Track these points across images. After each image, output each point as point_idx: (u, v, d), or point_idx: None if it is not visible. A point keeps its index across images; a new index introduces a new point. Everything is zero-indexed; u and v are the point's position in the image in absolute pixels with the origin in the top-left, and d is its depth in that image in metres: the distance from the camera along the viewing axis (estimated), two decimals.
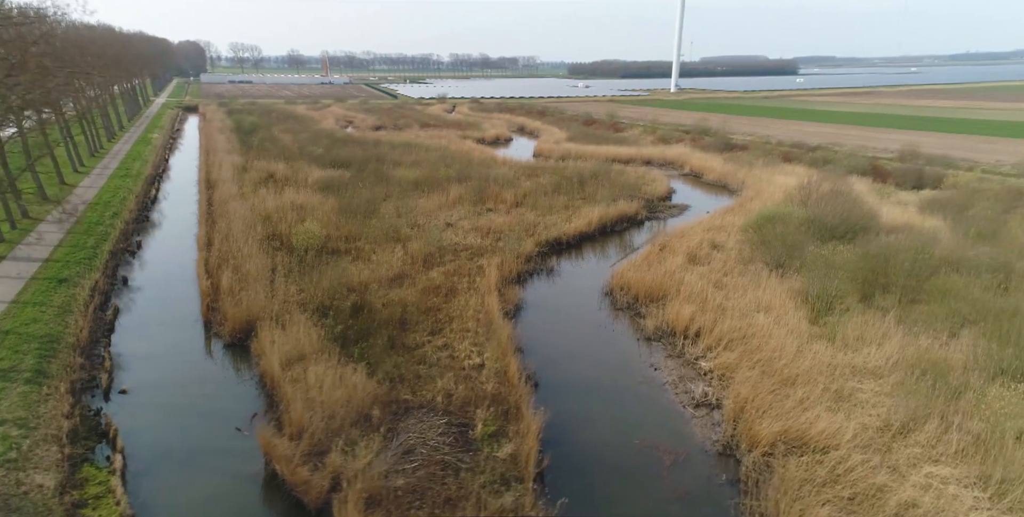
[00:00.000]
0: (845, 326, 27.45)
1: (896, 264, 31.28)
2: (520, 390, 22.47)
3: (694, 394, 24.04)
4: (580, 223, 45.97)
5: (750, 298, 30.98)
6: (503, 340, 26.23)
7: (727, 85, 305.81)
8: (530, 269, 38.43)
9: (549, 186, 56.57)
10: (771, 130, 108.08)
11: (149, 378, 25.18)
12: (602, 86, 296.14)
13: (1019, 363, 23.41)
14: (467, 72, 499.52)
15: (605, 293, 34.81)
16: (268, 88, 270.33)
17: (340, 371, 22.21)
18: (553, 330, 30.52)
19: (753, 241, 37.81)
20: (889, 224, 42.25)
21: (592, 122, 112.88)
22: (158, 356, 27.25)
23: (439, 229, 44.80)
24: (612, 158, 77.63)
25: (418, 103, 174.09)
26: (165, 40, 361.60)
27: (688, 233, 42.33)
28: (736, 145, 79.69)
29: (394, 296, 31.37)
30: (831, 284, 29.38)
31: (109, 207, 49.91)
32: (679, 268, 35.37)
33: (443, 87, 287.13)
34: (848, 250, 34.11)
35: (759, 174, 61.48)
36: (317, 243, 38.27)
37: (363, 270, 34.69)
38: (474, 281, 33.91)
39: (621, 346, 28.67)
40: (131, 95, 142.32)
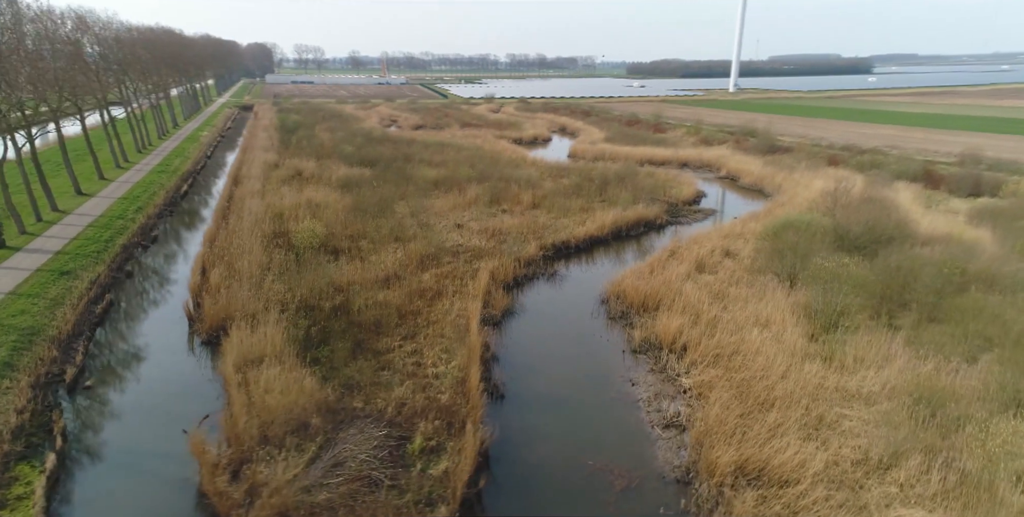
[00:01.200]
0: (847, 345, 25.27)
1: (917, 279, 28.68)
2: (475, 402, 21.49)
3: (666, 413, 22.52)
4: (592, 227, 44.54)
5: (750, 311, 29.02)
6: (473, 348, 25.34)
7: (792, 85, 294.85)
8: (529, 273, 37.34)
9: (570, 188, 55.35)
10: (827, 132, 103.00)
11: (119, 374, 25.56)
12: (658, 86, 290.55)
13: None
14: (523, 72, 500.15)
15: (602, 301, 33.42)
16: (326, 88, 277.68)
17: (293, 375, 21.79)
18: (537, 338, 29.43)
19: (767, 250, 35.57)
20: (927, 234, 39.09)
21: (635, 122, 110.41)
22: (135, 351, 27.69)
23: (446, 230, 44.46)
24: (647, 160, 75.61)
25: (465, 103, 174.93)
26: (233, 42, 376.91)
27: (704, 239, 40.36)
28: (781, 147, 76.06)
29: (380, 298, 30.96)
30: (836, 299, 27.08)
31: (136, 202, 51.72)
32: (682, 277, 33.61)
33: (497, 87, 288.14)
34: (857, 262, 31.53)
35: (798, 178, 58.28)
36: (318, 242, 38.37)
37: (357, 270, 34.46)
38: (465, 285, 33.15)
39: (604, 358, 27.29)
40: (190, 94, 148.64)
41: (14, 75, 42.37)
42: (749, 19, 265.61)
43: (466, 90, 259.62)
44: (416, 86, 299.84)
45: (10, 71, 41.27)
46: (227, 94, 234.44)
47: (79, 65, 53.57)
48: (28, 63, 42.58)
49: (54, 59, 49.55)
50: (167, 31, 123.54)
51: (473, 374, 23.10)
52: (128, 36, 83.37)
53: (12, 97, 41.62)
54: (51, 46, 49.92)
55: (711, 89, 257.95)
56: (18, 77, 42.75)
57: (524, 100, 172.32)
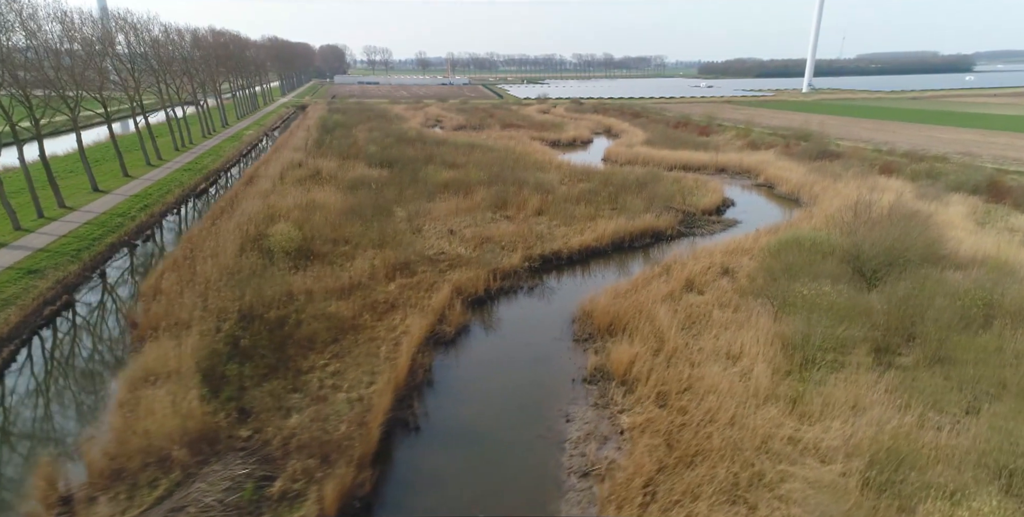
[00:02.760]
0: (823, 386, 21.88)
1: (926, 311, 24.78)
2: (372, 438, 19.61)
3: (589, 459, 19.89)
4: (589, 237, 41.85)
5: (725, 340, 25.85)
6: (399, 372, 23.54)
7: (876, 85, 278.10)
8: (506, 287, 35.11)
9: (584, 194, 52.66)
10: (896, 136, 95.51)
11: (28, 385, 25.03)
12: (727, 86, 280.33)
13: None
14: (589, 73, 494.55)
15: (573, 321, 30.83)
16: (390, 89, 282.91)
17: (181, 397, 20.47)
18: (485, 362, 27.18)
19: (768, 269, 31.98)
20: (967, 256, 34.44)
21: (684, 124, 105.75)
22: (62, 359, 27.30)
23: (436, 236, 42.85)
24: (683, 164, 71.79)
25: (517, 103, 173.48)
26: (305, 44, 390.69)
27: (706, 254, 37.05)
28: (832, 153, 70.40)
29: (332, 309, 29.58)
30: (817, 331, 23.62)
31: (146, 199, 52.76)
32: (663, 297, 30.66)
33: (561, 88, 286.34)
34: (854, 289, 27.60)
35: (839, 188, 53.36)
36: (293, 246, 37.48)
37: (323, 277, 33.25)
38: (429, 297, 31.37)
39: (550, 387, 24.78)
40: (246, 94, 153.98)
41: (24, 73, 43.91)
42: (835, 15, 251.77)
43: (526, 90, 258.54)
44: (477, 86, 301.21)
45: (17, 68, 42.69)
46: (291, 94, 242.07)
47: (94, 64, 55.03)
48: (43, 61, 43.86)
49: (73, 58, 51.20)
50: (218, 32, 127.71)
51: (380, 403, 21.25)
52: (167, 38, 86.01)
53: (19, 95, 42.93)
54: (70, 46, 51.52)
55: (783, 89, 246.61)
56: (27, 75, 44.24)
57: (577, 101, 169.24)
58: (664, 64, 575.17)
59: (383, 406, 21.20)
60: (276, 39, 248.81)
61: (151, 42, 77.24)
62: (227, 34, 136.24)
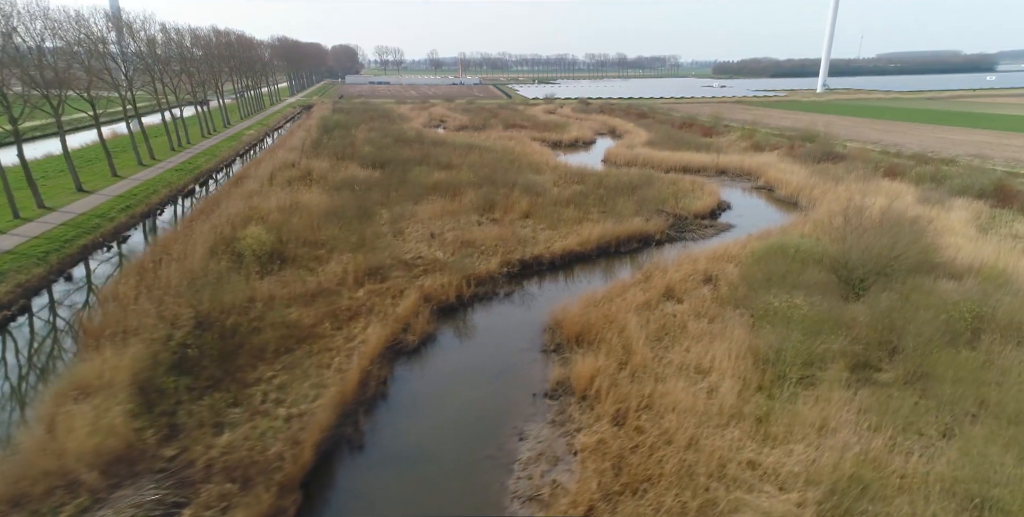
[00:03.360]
0: (789, 405, 20.65)
1: (908, 324, 23.44)
2: (304, 458, 18.65)
3: (535, 483, 18.79)
4: (572, 241, 40.74)
5: (696, 353, 24.64)
6: (348, 384, 22.61)
7: (894, 85, 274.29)
8: (480, 293, 34.08)
9: (575, 196, 51.56)
10: (907, 137, 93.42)
11: None
12: (741, 86, 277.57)
13: (1014, 494, 15.79)
14: (602, 73, 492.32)
15: (545, 330, 29.73)
16: (400, 89, 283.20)
17: (106, 412, 19.59)
18: (446, 374, 26.13)
19: (748, 278, 30.71)
20: (964, 265, 32.92)
21: (690, 125, 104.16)
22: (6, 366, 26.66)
23: (417, 239, 41.98)
24: (683, 166, 70.49)
25: (524, 103, 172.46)
26: (317, 45, 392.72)
27: (690, 260, 35.80)
28: (837, 155, 68.63)
29: (294, 316, 28.71)
30: (787, 345, 22.38)
31: (129, 200, 52.37)
32: (639, 306, 29.51)
33: (573, 88, 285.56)
34: (826, 301, 26.24)
35: (839, 191, 51.78)
36: (265, 249, 36.73)
37: (291, 283, 32.43)
38: (397, 304, 30.45)
39: (509, 402, 23.69)
40: (251, 94, 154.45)
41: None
42: (854, 14, 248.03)
43: (536, 90, 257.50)
44: (488, 87, 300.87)
45: None
46: (300, 94, 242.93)
47: (80, 62, 54.82)
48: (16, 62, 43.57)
49: (56, 57, 50.98)
50: (221, 32, 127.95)
51: (321, 419, 20.30)
52: (166, 36, 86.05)
53: None
54: (53, 44, 51.32)
55: (797, 89, 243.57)
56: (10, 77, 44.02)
57: (584, 101, 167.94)
58: (678, 64, 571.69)
59: (324, 423, 20.26)
60: (285, 39, 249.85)
61: (147, 40, 77.13)
62: (231, 33, 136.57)
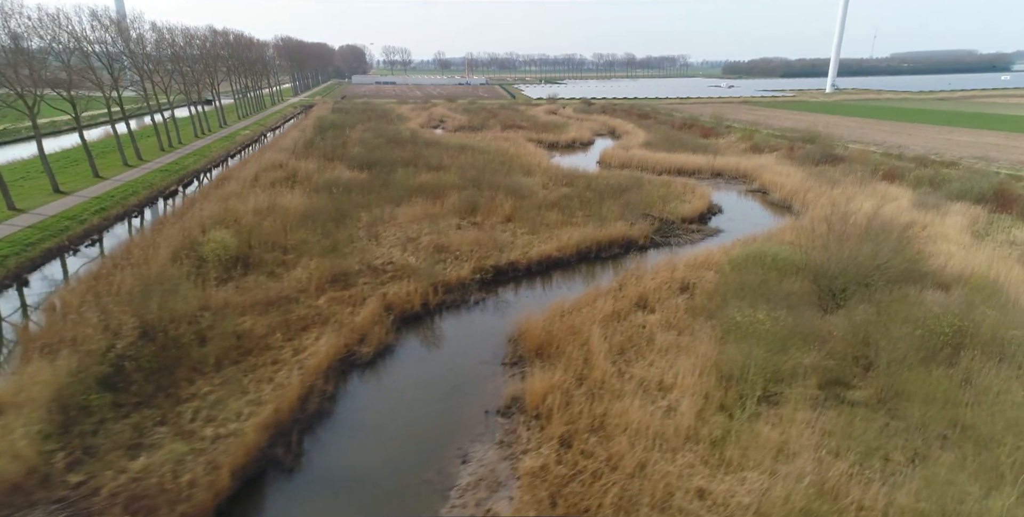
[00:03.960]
0: (751, 426, 19.43)
1: (882, 339, 22.13)
2: (221, 484, 17.57)
3: (469, 513, 17.67)
4: (550, 247, 39.57)
5: (660, 368, 23.45)
6: (286, 403, 21.55)
7: (906, 84, 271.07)
8: (448, 301, 32.96)
9: (561, 200, 50.42)
10: (911, 139, 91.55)
11: None
12: (749, 86, 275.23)
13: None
14: (610, 73, 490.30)
15: (509, 341, 28.57)
16: (406, 89, 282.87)
17: (11, 433, 18.56)
18: (398, 389, 24.96)
19: (724, 287, 29.43)
20: (954, 274, 31.46)
21: (690, 126, 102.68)
22: None
23: (393, 243, 40.94)
24: (678, 168, 69.19)
25: (527, 103, 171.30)
26: (323, 44, 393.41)
27: (668, 268, 34.54)
28: (836, 157, 67.05)
29: (247, 325, 27.71)
30: (753, 361, 21.13)
31: (106, 201, 51.69)
32: (607, 316, 28.32)
33: (580, 88, 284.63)
34: (793, 314, 24.89)
35: (833, 195, 50.30)
36: (230, 254, 35.82)
37: (250, 289, 31.47)
38: (356, 313, 29.41)
39: (459, 420, 22.53)
40: (250, 93, 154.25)
41: None
42: (867, 13, 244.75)
43: (541, 91, 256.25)
44: (494, 87, 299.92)
45: None
46: (304, 94, 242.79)
47: (60, 61, 54.29)
48: None
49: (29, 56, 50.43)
50: (217, 32, 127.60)
51: (251, 441, 19.25)
52: (160, 36, 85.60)
53: None
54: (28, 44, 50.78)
55: (805, 89, 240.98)
56: None
57: (587, 101, 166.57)
58: (688, 64, 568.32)
59: (252, 444, 19.22)
60: (289, 39, 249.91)
61: (136, 40, 76.64)
62: (229, 33, 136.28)
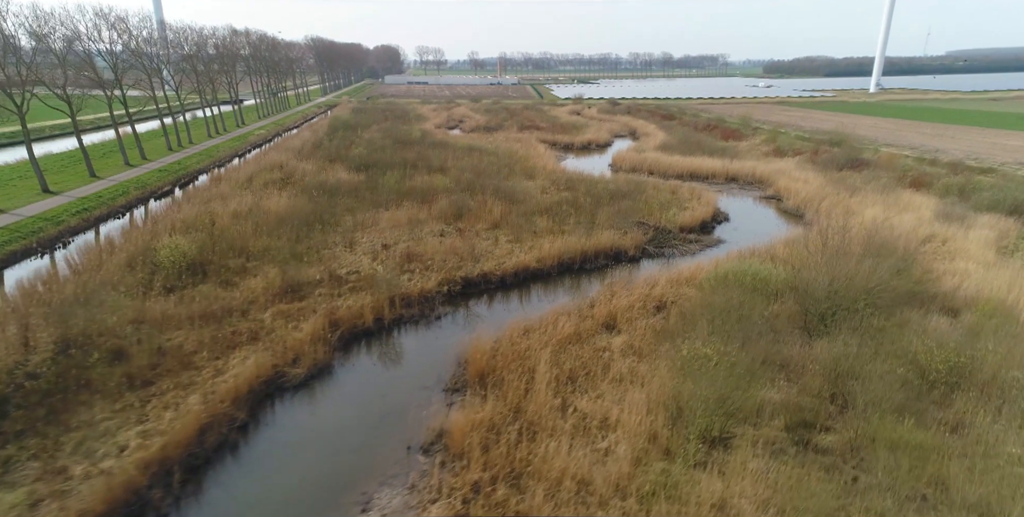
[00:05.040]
0: (694, 475, 16.90)
1: (858, 378, 19.33)
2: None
3: None
4: (528, 257, 37.26)
5: (604, 404, 21.03)
6: (182, 433, 19.73)
7: (960, 84, 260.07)
8: (407, 315, 30.91)
9: (555, 205, 48.10)
10: (954, 142, 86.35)
11: None
12: (788, 86, 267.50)
13: None
14: (646, 72, 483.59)
15: (458, 364, 26.38)
16: (436, 88, 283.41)
17: None
18: (320, 417, 22.85)
19: (699, 308, 26.73)
20: (968, 296, 28.14)
21: (714, 127, 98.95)
22: None
23: (366, 251, 39.20)
24: (691, 172, 66.15)
25: (552, 104, 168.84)
26: (357, 45, 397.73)
27: (647, 283, 31.97)
28: (863, 161, 63.02)
29: (177, 340, 26.15)
30: (694, 401, 18.56)
31: (93, 202, 51.29)
32: (566, 339, 25.96)
33: (614, 88, 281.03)
34: (761, 343, 22.05)
35: (850, 203, 46.78)
36: (186, 260, 34.47)
37: (197, 300, 29.96)
38: (299, 329, 27.60)
39: (376, 456, 20.33)
40: (272, 92, 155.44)
41: None
42: (920, 9, 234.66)
43: (572, 90, 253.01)
44: (524, 87, 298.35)
45: None
46: (332, 94, 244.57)
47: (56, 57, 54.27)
48: None
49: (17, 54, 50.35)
50: (237, 32, 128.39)
51: (118, 481, 17.44)
52: (178, 36, 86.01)
53: None
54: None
55: (848, 89, 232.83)
56: None
57: (613, 101, 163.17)
58: (728, 63, 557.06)
59: (125, 483, 17.43)
60: (319, 39, 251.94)
61: (147, 39, 76.91)
62: (251, 33, 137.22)
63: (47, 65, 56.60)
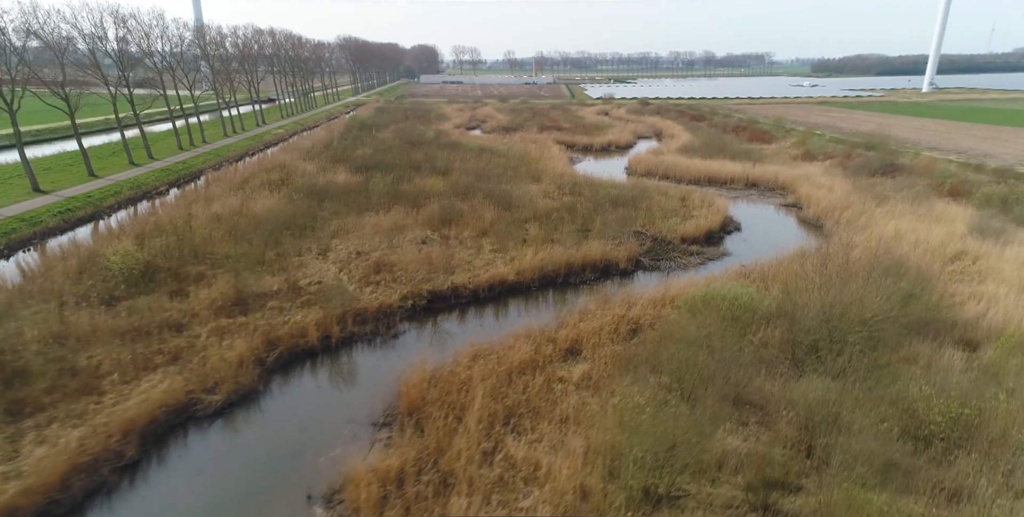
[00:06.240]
0: None
1: (830, 432, 16.20)
2: None
3: None
4: (507, 270, 34.60)
5: (539, 449, 18.30)
6: (46, 477, 17.70)
7: (1021, 83, 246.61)
8: (358, 333, 28.58)
9: (551, 211, 45.40)
10: (1007, 146, 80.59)
11: None
12: (835, 85, 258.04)
13: None
14: (687, 72, 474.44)
15: (397, 394, 23.84)
16: (468, 88, 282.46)
17: None
18: (224, 453, 20.48)
19: (670, 335, 23.68)
20: (993, 327, 24.42)
21: (744, 129, 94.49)
22: None
23: (338, 259, 37.12)
24: (709, 177, 62.57)
25: (581, 103, 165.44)
26: (394, 45, 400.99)
27: (625, 303, 29.00)
28: (898, 167, 58.40)
29: (95, 359, 24.29)
30: (643, 452, 15.68)
31: (81, 202, 50.66)
32: (520, 366, 23.28)
33: (652, 87, 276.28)
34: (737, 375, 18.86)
35: (875, 214, 42.75)
36: (139, 268, 32.86)
37: (133, 314, 28.16)
38: (233, 348, 25.52)
39: (271, 507, 17.89)
40: (299, 92, 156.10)
41: None
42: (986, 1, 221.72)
43: (607, 90, 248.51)
44: (559, 86, 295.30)
45: None
46: (363, 93, 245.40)
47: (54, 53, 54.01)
48: None
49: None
50: (259, 31, 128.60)
51: None
52: (199, 37, 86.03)
53: None
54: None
55: (899, 89, 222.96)
56: None
57: (644, 101, 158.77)
58: (774, 62, 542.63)
59: None
60: (351, 39, 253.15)
61: (160, 37, 76.95)
62: (276, 32, 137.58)
63: (42, 62, 56.24)
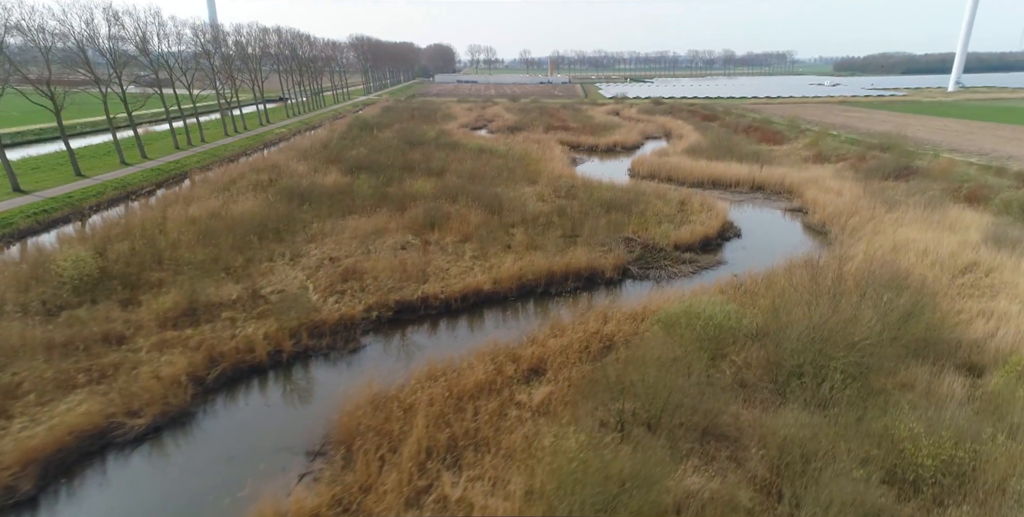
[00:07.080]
0: None
1: (801, 477, 14.09)
2: None
3: None
4: (483, 279, 32.69)
5: (476, 490, 16.36)
6: None
7: None
8: (313, 347, 26.80)
9: (540, 215, 43.44)
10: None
11: None
12: (857, 84, 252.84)
13: None
14: (706, 71, 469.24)
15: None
16: (482, 87, 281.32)
17: None
18: (139, 488, 18.79)
19: (638, 358, 21.60)
20: (1003, 347, 22.07)
21: (756, 129, 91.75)
22: None
23: (310, 265, 35.48)
24: (713, 179, 60.31)
25: (592, 103, 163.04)
26: (409, 44, 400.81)
27: (599, 318, 26.99)
28: (913, 169, 55.61)
29: (20, 375, 22.79)
30: (586, 494, 13.70)
31: (60, 203, 49.66)
32: (476, 388, 21.35)
33: (670, 87, 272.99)
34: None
35: (883, 220, 40.23)
36: (93, 275, 31.41)
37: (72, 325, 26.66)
38: (173, 363, 23.90)
39: None
40: (309, 91, 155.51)
41: None
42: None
43: (622, 89, 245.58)
44: (573, 86, 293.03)
45: None
46: (375, 93, 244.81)
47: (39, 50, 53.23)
48: None
49: None
50: (266, 30, 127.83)
51: None
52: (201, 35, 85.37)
53: None
54: None
55: (924, 88, 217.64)
56: None
57: (656, 101, 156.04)
58: (796, 61, 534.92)
59: None
60: (364, 38, 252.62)
61: (156, 35, 76.22)
62: (283, 31, 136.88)
63: (27, 59, 55.42)
